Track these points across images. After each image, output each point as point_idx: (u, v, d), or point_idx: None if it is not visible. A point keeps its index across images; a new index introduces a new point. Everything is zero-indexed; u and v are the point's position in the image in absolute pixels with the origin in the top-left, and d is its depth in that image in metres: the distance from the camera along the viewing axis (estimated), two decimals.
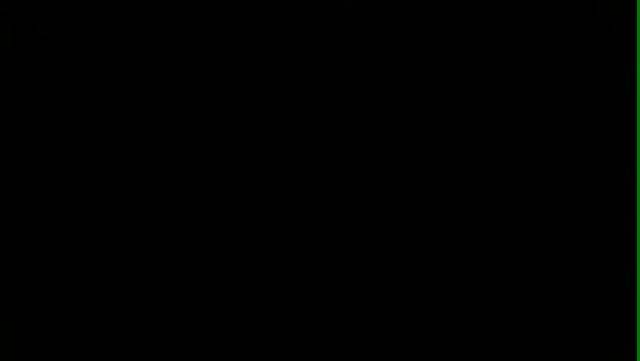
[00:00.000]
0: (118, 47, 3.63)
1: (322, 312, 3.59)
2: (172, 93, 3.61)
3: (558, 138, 3.60)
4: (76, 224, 3.61)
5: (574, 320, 3.49)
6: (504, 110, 3.62)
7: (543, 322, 3.51)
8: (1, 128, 3.58)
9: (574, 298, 3.51)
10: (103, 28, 3.63)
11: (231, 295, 3.62)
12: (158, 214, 3.61)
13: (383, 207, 3.65)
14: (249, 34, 3.63)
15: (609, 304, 3.47)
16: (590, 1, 3.54)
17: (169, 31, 3.61)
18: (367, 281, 3.61)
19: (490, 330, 3.52)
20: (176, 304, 3.59)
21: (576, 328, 3.49)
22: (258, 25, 3.60)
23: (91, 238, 3.60)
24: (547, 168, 3.59)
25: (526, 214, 3.59)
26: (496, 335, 3.52)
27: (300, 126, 3.65)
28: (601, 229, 3.53)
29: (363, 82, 3.65)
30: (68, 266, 3.58)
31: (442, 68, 3.63)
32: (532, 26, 3.59)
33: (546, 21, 3.59)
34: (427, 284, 3.58)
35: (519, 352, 3.49)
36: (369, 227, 3.64)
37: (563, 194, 3.58)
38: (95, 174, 3.63)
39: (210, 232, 3.63)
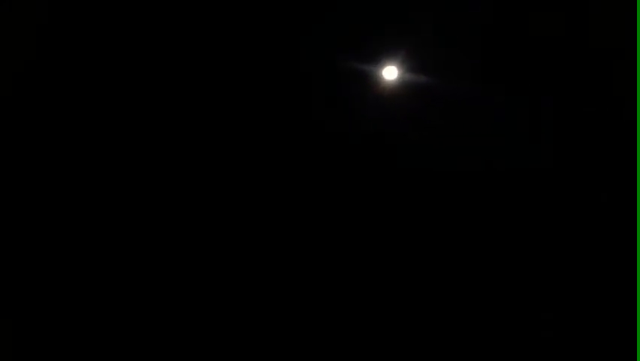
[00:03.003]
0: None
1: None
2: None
3: (559, 138, 3.60)
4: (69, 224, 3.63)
5: (574, 320, 3.50)
6: (504, 111, 3.63)
7: (543, 322, 3.51)
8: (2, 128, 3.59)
9: (574, 298, 3.51)
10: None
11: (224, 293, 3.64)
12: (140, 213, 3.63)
13: (383, 206, 3.66)
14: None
15: (609, 304, 3.47)
16: (590, 1, 3.55)
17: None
18: (368, 282, 3.62)
19: (490, 330, 3.52)
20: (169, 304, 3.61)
21: (576, 328, 3.49)
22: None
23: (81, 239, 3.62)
24: (547, 169, 3.60)
25: (527, 214, 3.59)
26: (496, 335, 3.52)
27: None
28: (601, 229, 3.53)
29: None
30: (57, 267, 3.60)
31: (441, 67, 3.63)
32: (531, 26, 3.60)
33: (546, 22, 3.59)
34: (427, 284, 3.59)
35: (519, 352, 3.50)
36: (368, 227, 3.65)
37: (563, 194, 3.59)
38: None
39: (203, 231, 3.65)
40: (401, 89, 3.25)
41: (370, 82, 3.25)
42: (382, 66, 3.23)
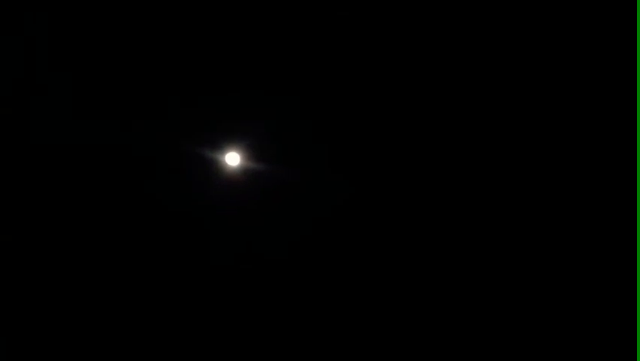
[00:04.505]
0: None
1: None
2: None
3: (559, 138, 3.60)
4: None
5: (574, 319, 3.50)
6: (505, 111, 3.63)
7: (543, 322, 3.51)
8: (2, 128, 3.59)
9: (574, 298, 3.51)
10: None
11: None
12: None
13: (384, 206, 3.66)
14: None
15: (609, 304, 3.47)
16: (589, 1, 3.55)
17: None
18: (371, 282, 3.62)
19: (490, 330, 3.52)
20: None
21: (576, 328, 3.49)
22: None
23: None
24: (547, 169, 3.60)
25: (527, 214, 3.59)
26: (497, 334, 3.52)
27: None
28: (601, 229, 3.53)
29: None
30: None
31: (445, 69, 3.63)
32: (533, 27, 3.60)
33: (547, 21, 3.59)
34: (427, 284, 3.59)
35: (519, 352, 3.50)
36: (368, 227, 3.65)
37: (563, 194, 3.59)
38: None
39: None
40: (242, 174, 3.63)
41: (214, 167, 3.62)
42: (225, 153, 3.60)
